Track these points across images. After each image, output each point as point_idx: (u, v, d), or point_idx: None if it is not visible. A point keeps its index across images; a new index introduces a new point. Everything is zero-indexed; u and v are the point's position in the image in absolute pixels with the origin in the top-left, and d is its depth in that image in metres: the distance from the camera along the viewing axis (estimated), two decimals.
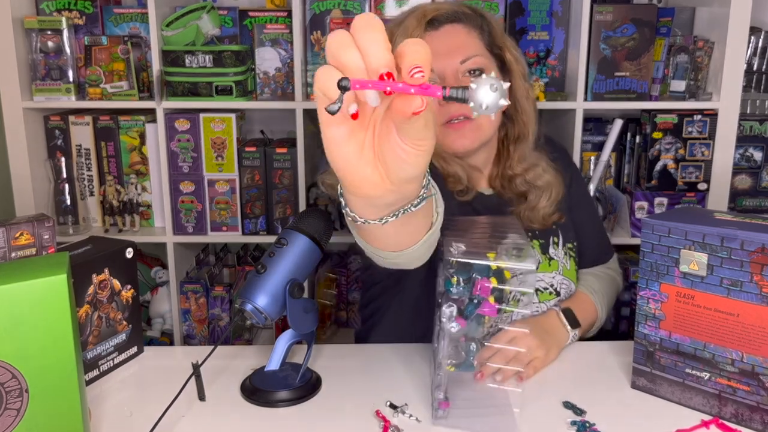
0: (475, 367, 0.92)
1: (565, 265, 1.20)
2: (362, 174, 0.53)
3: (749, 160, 1.88)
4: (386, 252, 0.76)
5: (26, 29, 1.80)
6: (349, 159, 0.52)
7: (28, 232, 0.92)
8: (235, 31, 1.90)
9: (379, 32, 0.46)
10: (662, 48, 1.77)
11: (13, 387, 0.74)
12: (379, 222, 0.63)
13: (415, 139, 0.49)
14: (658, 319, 0.95)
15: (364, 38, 0.46)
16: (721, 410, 0.91)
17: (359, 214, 0.63)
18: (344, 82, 0.44)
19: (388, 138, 0.50)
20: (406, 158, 0.50)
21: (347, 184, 0.54)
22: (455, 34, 1.12)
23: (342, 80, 0.44)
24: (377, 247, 0.75)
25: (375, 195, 0.54)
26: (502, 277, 0.85)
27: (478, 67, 1.11)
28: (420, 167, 0.52)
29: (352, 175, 0.53)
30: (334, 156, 0.52)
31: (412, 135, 0.49)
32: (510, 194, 1.20)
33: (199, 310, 1.94)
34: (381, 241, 0.74)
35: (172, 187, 1.85)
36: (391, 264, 0.82)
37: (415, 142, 0.49)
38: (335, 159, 0.52)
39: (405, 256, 0.76)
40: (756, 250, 0.84)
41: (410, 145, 0.50)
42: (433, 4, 1.15)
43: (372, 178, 0.53)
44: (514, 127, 1.18)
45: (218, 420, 0.92)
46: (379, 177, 0.53)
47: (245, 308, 0.96)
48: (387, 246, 0.75)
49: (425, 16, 1.11)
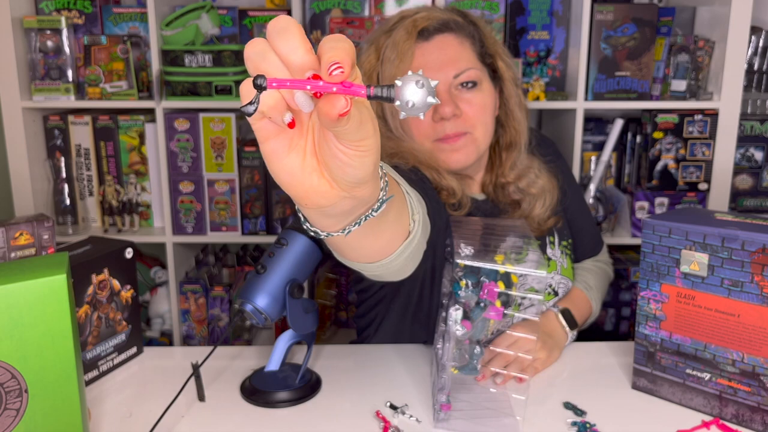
0: (479, 370, 0.92)
1: (562, 264, 1.19)
2: (308, 184, 0.50)
3: (750, 160, 1.88)
4: (363, 264, 0.73)
5: (25, 29, 1.79)
6: (293, 171, 0.49)
7: (27, 232, 0.92)
8: (235, 30, 1.90)
9: (295, 34, 0.44)
10: (663, 47, 1.76)
11: (12, 387, 0.73)
12: (342, 233, 0.60)
13: (353, 140, 0.46)
14: (659, 319, 0.95)
15: (281, 42, 0.44)
16: (721, 411, 0.91)
17: (320, 227, 0.60)
18: (260, 80, 0.42)
19: (327, 143, 0.48)
20: (349, 161, 0.47)
21: (296, 196, 0.52)
22: (447, 45, 1.08)
23: (257, 78, 0.42)
24: (352, 259, 0.72)
25: (327, 204, 0.52)
26: (509, 280, 0.85)
27: (471, 80, 1.08)
28: (366, 168, 0.49)
29: (298, 186, 0.50)
30: (277, 169, 0.50)
31: (349, 137, 0.46)
32: (504, 202, 1.19)
33: (199, 310, 1.94)
34: (354, 253, 0.70)
35: (172, 187, 1.84)
36: (373, 276, 0.78)
37: (354, 143, 0.46)
38: (279, 173, 0.50)
39: (382, 268, 0.73)
40: (757, 251, 0.84)
41: (350, 147, 0.47)
42: (424, 11, 1.11)
43: (320, 187, 0.50)
44: (506, 134, 1.17)
45: (218, 420, 0.92)
46: (327, 185, 0.50)
47: (245, 308, 0.96)
48: (361, 257, 0.71)
49: (416, 27, 1.07)
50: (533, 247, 0.89)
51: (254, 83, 0.42)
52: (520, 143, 1.16)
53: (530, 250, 0.87)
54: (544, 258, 1.18)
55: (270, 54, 0.44)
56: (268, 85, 0.42)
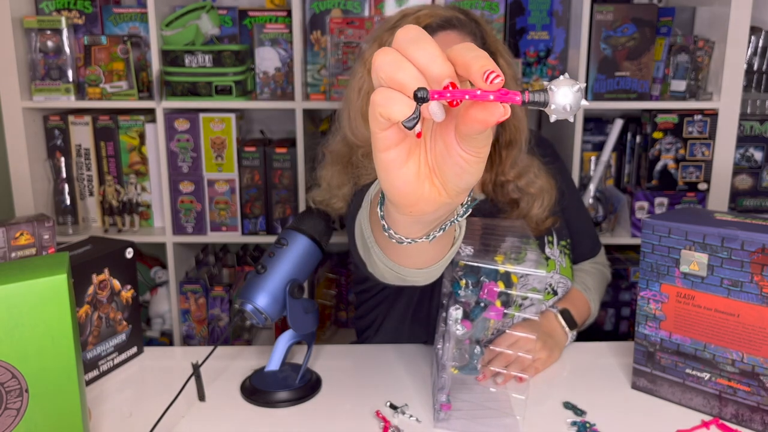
0: (479, 369, 0.92)
1: (561, 263, 1.19)
2: (421, 192, 0.50)
3: (750, 160, 1.88)
4: (410, 270, 0.73)
5: (25, 29, 1.79)
6: (409, 180, 0.49)
7: (27, 232, 0.92)
8: (235, 30, 1.90)
9: (432, 43, 0.43)
10: (663, 48, 1.77)
11: (13, 387, 0.73)
12: (427, 239, 0.60)
13: (478, 147, 0.47)
14: (659, 319, 0.95)
15: (419, 52, 0.43)
16: (721, 411, 0.91)
17: (404, 235, 0.60)
18: (422, 92, 0.41)
19: (449, 151, 0.47)
20: (468, 167, 0.48)
21: (406, 204, 0.51)
22: (450, 42, 1.08)
23: (419, 91, 0.41)
24: (406, 265, 0.72)
25: (431, 210, 0.52)
26: (509, 280, 0.85)
27: None
28: (480, 173, 0.49)
29: (411, 195, 0.50)
30: (393, 179, 0.49)
31: (477, 143, 0.46)
32: (502, 201, 1.19)
33: (199, 310, 1.94)
34: (414, 259, 0.70)
35: (172, 187, 1.84)
36: (408, 282, 0.78)
37: (477, 150, 0.47)
38: (395, 182, 0.49)
39: (426, 273, 0.73)
40: (756, 251, 0.84)
41: (472, 154, 0.47)
42: (426, 8, 1.12)
43: (431, 194, 0.50)
44: (506, 133, 1.17)
45: (218, 420, 0.92)
46: (437, 191, 0.50)
47: (245, 308, 0.96)
48: (416, 264, 0.71)
49: (419, 23, 1.07)
50: (532, 247, 0.89)
51: (416, 96, 0.41)
52: (520, 141, 1.17)
53: (529, 250, 0.87)
54: (543, 257, 1.18)
55: (406, 64, 0.43)
56: (431, 97, 0.42)
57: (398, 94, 0.43)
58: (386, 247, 0.70)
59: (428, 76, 0.43)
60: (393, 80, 0.43)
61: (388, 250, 0.71)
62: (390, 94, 0.43)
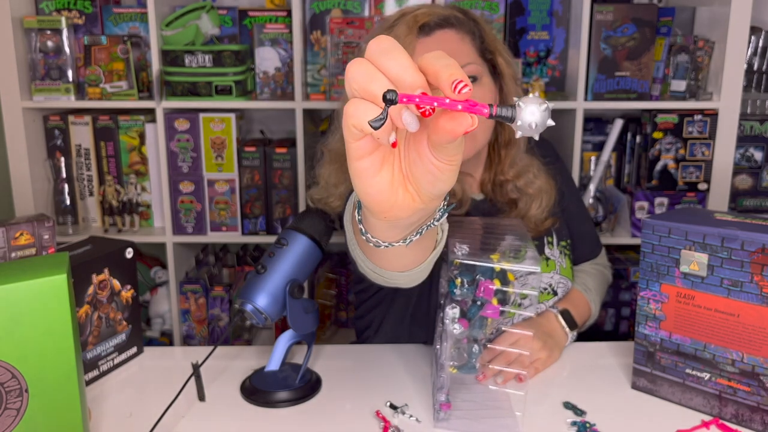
0: (478, 369, 0.92)
1: (561, 264, 1.19)
2: (394, 198, 0.51)
3: (750, 160, 1.88)
4: (391, 272, 0.74)
5: (25, 29, 1.79)
6: (383, 188, 0.50)
7: (27, 232, 0.92)
8: (235, 30, 1.90)
9: (403, 54, 0.44)
10: (663, 48, 1.77)
11: (12, 387, 0.73)
12: (404, 243, 0.61)
13: (450, 155, 0.47)
14: (659, 319, 0.95)
15: (390, 62, 0.44)
16: (721, 411, 0.91)
17: (382, 239, 0.61)
18: (391, 94, 0.42)
19: (422, 159, 0.48)
20: (441, 175, 0.49)
21: (379, 210, 0.52)
22: (448, 40, 1.08)
23: (388, 92, 0.42)
24: (386, 268, 0.73)
25: (405, 216, 0.53)
26: (505, 278, 0.85)
27: (472, 75, 1.08)
28: (453, 180, 0.50)
29: (385, 202, 0.51)
30: (367, 187, 0.50)
31: (449, 152, 0.47)
32: (501, 200, 1.19)
33: (199, 310, 1.94)
34: (393, 262, 0.71)
35: (172, 187, 1.84)
36: (390, 283, 0.79)
37: (449, 158, 0.48)
38: (368, 190, 0.50)
39: (407, 276, 0.74)
40: (756, 251, 0.84)
41: (445, 162, 0.48)
42: (425, 7, 1.11)
43: (404, 200, 0.51)
44: (505, 132, 1.17)
45: (218, 420, 0.92)
46: (411, 198, 0.51)
47: (245, 308, 0.96)
48: (396, 267, 0.72)
49: (416, 22, 1.07)
50: (530, 246, 0.89)
51: (384, 97, 0.42)
52: (519, 140, 1.16)
53: (528, 249, 0.87)
54: (542, 258, 1.18)
55: (378, 74, 0.44)
56: (399, 100, 0.42)
57: (370, 105, 0.44)
58: (366, 250, 0.71)
59: (400, 87, 0.44)
60: (365, 91, 0.44)
61: (369, 253, 0.72)
62: (362, 105, 0.44)
